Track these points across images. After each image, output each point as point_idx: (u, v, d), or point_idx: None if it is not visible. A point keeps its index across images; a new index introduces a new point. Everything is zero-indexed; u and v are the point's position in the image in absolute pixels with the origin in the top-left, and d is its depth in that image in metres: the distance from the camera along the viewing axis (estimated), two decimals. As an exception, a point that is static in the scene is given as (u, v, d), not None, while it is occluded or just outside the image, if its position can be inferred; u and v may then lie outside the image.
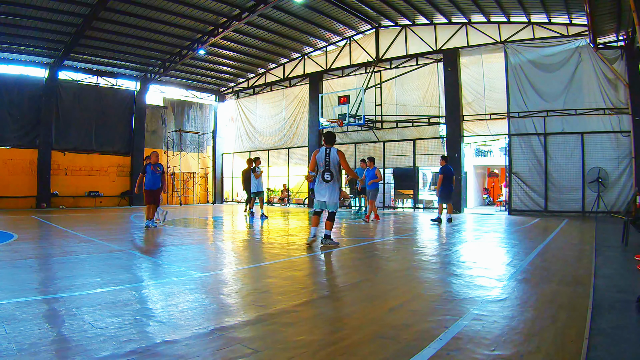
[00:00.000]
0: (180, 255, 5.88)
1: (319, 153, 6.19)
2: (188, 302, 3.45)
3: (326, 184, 6.14)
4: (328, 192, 6.18)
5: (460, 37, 14.61)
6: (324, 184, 6.17)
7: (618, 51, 12.21)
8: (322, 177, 6.16)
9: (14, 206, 15.49)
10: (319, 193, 6.22)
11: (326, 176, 6.14)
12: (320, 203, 6.28)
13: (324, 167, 6.15)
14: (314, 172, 6.35)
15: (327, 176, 6.14)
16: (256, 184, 11.59)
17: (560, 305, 3.34)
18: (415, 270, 4.86)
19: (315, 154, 6.20)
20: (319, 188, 6.20)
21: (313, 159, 6.21)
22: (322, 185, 6.18)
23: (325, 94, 17.50)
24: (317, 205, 6.34)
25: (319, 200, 6.26)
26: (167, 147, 20.46)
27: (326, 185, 6.16)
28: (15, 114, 15.85)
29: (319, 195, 6.22)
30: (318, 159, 6.18)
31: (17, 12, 12.78)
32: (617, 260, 5.54)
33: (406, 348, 2.43)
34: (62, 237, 7.56)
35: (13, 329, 2.65)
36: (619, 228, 7.07)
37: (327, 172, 6.14)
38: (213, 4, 13.69)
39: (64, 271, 4.57)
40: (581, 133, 12.67)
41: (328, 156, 6.15)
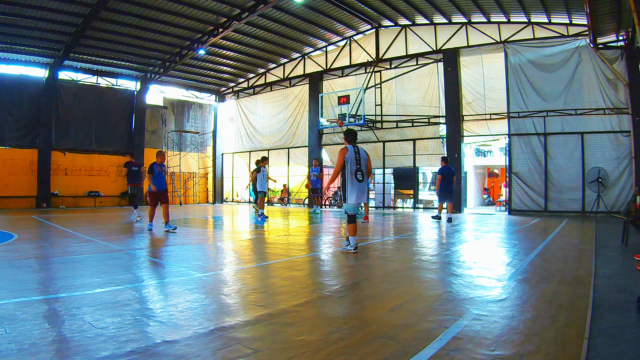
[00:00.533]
0: (180, 255, 5.88)
1: (348, 152, 5.70)
2: (188, 302, 3.45)
3: (360, 184, 5.70)
4: (363, 193, 5.81)
5: (460, 37, 14.61)
6: (357, 184, 5.69)
7: (618, 51, 12.21)
8: (355, 177, 5.67)
9: (14, 206, 15.49)
10: (354, 194, 5.69)
11: (359, 176, 5.69)
12: (357, 205, 5.82)
13: (356, 166, 5.70)
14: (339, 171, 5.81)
15: (360, 176, 5.71)
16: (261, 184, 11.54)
17: (560, 305, 3.34)
18: (415, 270, 4.86)
19: (345, 153, 5.67)
20: (353, 189, 5.67)
21: (341, 160, 5.66)
22: (355, 186, 5.68)
23: (325, 94, 17.51)
24: (354, 209, 5.81)
25: (357, 202, 5.74)
26: (167, 147, 20.45)
27: (361, 185, 5.72)
28: (15, 114, 15.85)
29: (355, 197, 5.70)
30: (348, 158, 5.68)
31: (17, 12, 12.77)
32: (617, 260, 5.54)
33: (406, 348, 2.43)
34: (62, 237, 7.56)
35: (13, 329, 2.65)
36: (619, 228, 7.07)
37: (359, 171, 5.71)
38: (213, 4, 13.69)
39: (64, 271, 4.57)
40: (581, 133, 12.66)
41: (358, 155, 5.76)
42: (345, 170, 5.67)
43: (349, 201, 5.69)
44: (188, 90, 21.46)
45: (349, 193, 5.67)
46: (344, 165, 5.66)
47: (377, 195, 18.57)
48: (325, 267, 5.28)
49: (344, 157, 5.65)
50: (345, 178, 5.67)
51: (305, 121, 18.75)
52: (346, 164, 5.66)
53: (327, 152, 18.45)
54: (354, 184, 5.65)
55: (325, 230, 9.39)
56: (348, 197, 5.68)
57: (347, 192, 5.68)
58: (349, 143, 5.86)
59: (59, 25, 13.92)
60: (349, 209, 5.76)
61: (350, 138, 5.92)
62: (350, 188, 5.66)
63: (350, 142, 5.87)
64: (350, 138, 5.92)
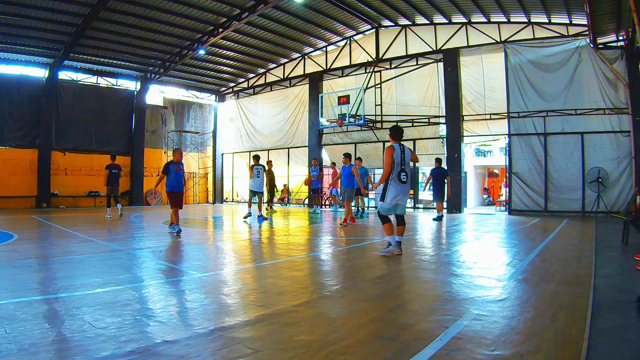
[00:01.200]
0: (181, 255, 5.88)
1: (395, 151, 5.36)
2: (188, 302, 3.45)
3: (403, 185, 5.42)
4: (404, 194, 5.53)
5: (460, 37, 14.61)
6: (400, 186, 5.41)
7: (618, 51, 12.20)
8: (398, 178, 5.38)
9: (14, 206, 15.49)
10: (393, 195, 5.42)
11: (403, 177, 5.40)
12: (394, 207, 5.53)
13: (401, 167, 5.40)
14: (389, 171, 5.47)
15: (404, 177, 5.42)
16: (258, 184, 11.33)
17: (560, 305, 3.34)
18: (415, 270, 4.86)
19: (392, 153, 5.34)
20: (396, 191, 5.40)
21: (390, 160, 5.35)
22: (399, 187, 5.40)
23: (325, 94, 17.50)
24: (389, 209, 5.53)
25: (392, 204, 5.48)
26: (167, 147, 20.45)
27: (403, 187, 5.45)
28: (15, 114, 15.85)
29: (395, 199, 5.44)
30: (395, 157, 5.36)
31: (17, 12, 12.77)
32: (617, 260, 5.54)
33: (406, 348, 2.43)
34: (62, 237, 7.56)
35: (13, 329, 2.65)
36: (619, 228, 7.07)
37: (403, 172, 5.42)
38: (213, 4, 13.69)
39: (64, 271, 4.57)
40: (581, 133, 12.66)
41: (404, 154, 5.44)
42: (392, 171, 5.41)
43: (386, 200, 5.45)
44: (188, 90, 21.46)
45: (389, 193, 5.43)
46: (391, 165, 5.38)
47: (377, 196, 18.55)
48: (325, 267, 5.28)
49: (392, 157, 5.34)
50: (388, 179, 5.43)
51: (305, 121, 18.75)
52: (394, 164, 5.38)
53: (327, 152, 18.45)
54: (397, 185, 5.40)
55: (325, 230, 9.39)
56: (387, 197, 5.45)
57: (387, 192, 5.44)
58: (395, 141, 5.51)
59: (59, 26, 13.92)
60: (383, 208, 5.52)
61: (396, 135, 5.56)
62: (391, 188, 5.42)
63: (395, 139, 5.53)
64: (396, 135, 5.56)
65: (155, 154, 19.99)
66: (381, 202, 5.54)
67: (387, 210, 5.52)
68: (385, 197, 5.47)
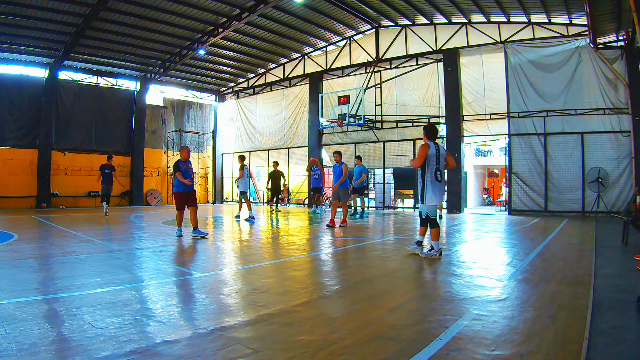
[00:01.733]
0: (181, 255, 5.88)
1: (430, 149, 5.27)
2: (188, 302, 3.45)
3: (440, 184, 5.32)
4: (442, 195, 5.41)
5: (460, 37, 14.61)
6: (438, 185, 5.30)
7: (618, 51, 12.21)
8: (435, 177, 5.27)
9: (14, 206, 15.49)
10: (434, 196, 5.29)
11: (438, 176, 5.29)
12: (436, 207, 5.40)
13: (436, 165, 5.30)
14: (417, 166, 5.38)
15: (440, 176, 5.31)
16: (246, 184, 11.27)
17: (560, 305, 3.34)
18: (415, 270, 4.86)
19: (427, 150, 5.24)
20: (434, 190, 5.27)
21: (424, 155, 5.23)
22: (436, 187, 5.28)
23: (325, 94, 17.51)
24: (434, 211, 5.39)
25: (432, 205, 5.34)
26: (167, 147, 20.46)
27: (440, 186, 5.34)
28: (15, 114, 15.85)
29: (434, 199, 5.29)
30: (430, 156, 5.27)
31: (17, 12, 12.77)
32: (617, 260, 5.54)
33: (406, 348, 2.43)
34: (62, 237, 7.56)
35: (13, 329, 2.65)
36: (619, 228, 7.07)
37: (439, 171, 5.31)
38: (213, 4, 13.69)
39: (64, 271, 4.57)
40: (581, 133, 12.67)
41: (439, 153, 5.33)
42: (424, 170, 5.31)
43: (427, 202, 5.30)
44: (188, 90, 21.46)
45: (428, 194, 5.28)
46: (424, 164, 5.28)
47: (377, 195, 18.59)
48: (325, 267, 5.28)
49: (426, 153, 5.23)
50: (425, 178, 5.30)
51: (305, 121, 18.75)
52: (427, 162, 5.27)
53: (327, 152, 18.45)
54: (435, 184, 5.27)
55: (325, 230, 9.38)
56: (427, 199, 5.28)
57: (426, 193, 5.30)
58: (430, 140, 5.40)
59: (59, 25, 13.92)
60: (430, 211, 5.35)
61: (431, 135, 5.43)
62: (429, 189, 5.28)
63: (430, 138, 5.41)
64: (431, 135, 5.43)
65: (155, 154, 19.99)
66: (422, 204, 5.39)
67: (433, 212, 5.37)
68: (424, 198, 5.32)
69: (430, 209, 5.35)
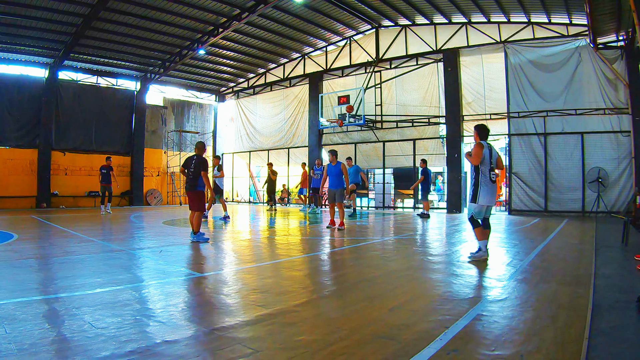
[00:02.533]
0: (180, 255, 5.88)
1: (484, 148, 5.21)
2: (188, 302, 3.45)
3: (492, 185, 5.22)
4: (493, 195, 5.28)
5: (460, 37, 14.61)
6: (491, 186, 5.21)
7: (618, 51, 12.21)
8: (489, 177, 5.18)
9: (14, 206, 15.49)
10: (486, 197, 5.20)
11: (492, 176, 5.20)
12: (485, 209, 5.28)
13: (490, 165, 5.21)
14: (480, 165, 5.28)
15: (493, 176, 5.22)
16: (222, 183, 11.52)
17: (560, 305, 3.34)
18: (415, 270, 4.86)
19: (481, 149, 5.19)
20: (486, 191, 5.20)
21: (480, 153, 5.18)
22: (489, 187, 5.20)
23: (325, 94, 17.50)
24: (481, 212, 5.27)
25: (485, 206, 5.24)
26: (167, 147, 20.46)
27: (493, 187, 5.24)
28: (15, 114, 15.84)
29: (487, 199, 5.21)
30: (485, 156, 5.19)
31: (17, 12, 12.76)
32: (617, 260, 5.54)
33: (406, 348, 2.43)
34: (62, 237, 7.56)
35: (13, 329, 2.65)
36: (619, 228, 7.07)
37: (493, 171, 5.22)
38: (213, 4, 13.69)
39: (64, 271, 4.57)
40: (581, 133, 12.67)
41: (491, 153, 5.26)
42: (478, 169, 5.23)
43: (479, 202, 5.20)
44: (188, 90, 21.46)
45: (481, 193, 5.20)
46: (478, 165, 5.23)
47: (377, 195, 18.58)
48: (325, 267, 5.28)
49: (482, 152, 5.17)
50: (479, 178, 5.21)
51: (305, 121, 18.75)
52: (482, 161, 5.20)
53: (327, 152, 18.42)
54: (488, 185, 5.19)
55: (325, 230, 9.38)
56: (479, 199, 5.20)
57: (479, 193, 5.21)
58: (482, 139, 5.35)
59: (59, 25, 13.92)
60: (476, 212, 5.25)
61: (483, 134, 5.38)
62: (482, 188, 5.20)
63: (482, 138, 5.36)
64: (483, 134, 5.38)
65: (155, 154, 19.99)
66: (472, 203, 5.28)
67: (478, 214, 5.28)
68: (477, 198, 5.22)
69: (479, 209, 5.25)
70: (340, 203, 8.95)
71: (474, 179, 5.27)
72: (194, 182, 6.89)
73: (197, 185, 6.91)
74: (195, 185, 6.90)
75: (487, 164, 5.20)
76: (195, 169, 6.89)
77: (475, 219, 5.26)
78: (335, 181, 9.00)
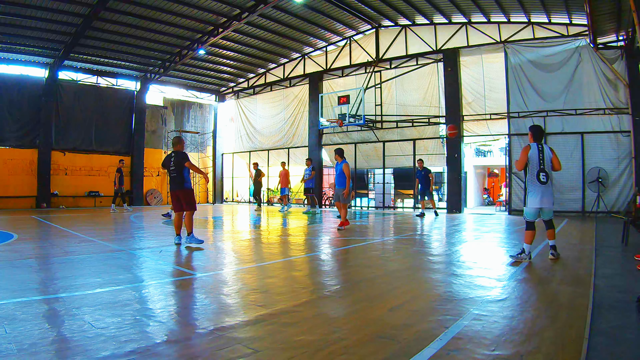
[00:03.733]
0: (180, 255, 5.88)
1: (531, 150, 5.23)
2: (188, 302, 3.45)
3: (542, 185, 5.16)
4: (547, 197, 5.19)
5: (460, 37, 14.60)
6: (540, 187, 5.16)
7: (618, 51, 12.20)
8: (537, 178, 5.16)
9: (14, 206, 15.48)
10: (535, 198, 5.19)
11: (542, 177, 5.15)
12: (539, 211, 5.26)
13: (539, 166, 5.17)
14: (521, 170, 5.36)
15: (544, 177, 5.16)
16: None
17: (560, 305, 3.34)
18: (415, 270, 4.86)
19: (527, 152, 5.22)
20: (535, 192, 5.18)
21: (524, 158, 5.22)
22: (538, 188, 5.16)
23: (325, 94, 17.49)
24: (533, 215, 5.26)
25: (534, 208, 5.22)
26: (167, 147, 20.45)
27: (544, 188, 5.17)
28: (15, 114, 15.84)
29: (536, 201, 5.19)
30: (531, 157, 5.20)
31: (17, 12, 12.76)
32: (617, 260, 5.54)
33: (406, 348, 2.43)
34: (62, 237, 7.56)
35: (13, 329, 2.65)
36: (619, 228, 7.07)
37: (543, 172, 5.17)
38: (213, 4, 13.68)
39: (64, 271, 4.57)
40: (581, 133, 12.66)
41: (542, 154, 5.21)
42: (526, 171, 5.29)
43: (528, 205, 5.26)
44: (188, 90, 21.45)
45: (529, 195, 5.25)
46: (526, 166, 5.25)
47: (377, 195, 18.59)
48: (325, 267, 5.28)
49: (527, 155, 5.21)
50: (527, 180, 5.30)
51: (305, 121, 18.75)
52: (528, 164, 5.23)
53: (327, 152, 18.45)
54: (536, 185, 5.18)
55: (325, 230, 9.39)
56: (528, 201, 5.27)
57: (528, 195, 5.29)
58: (534, 141, 5.34)
59: (59, 25, 13.92)
60: (527, 214, 5.29)
61: (537, 135, 5.37)
62: (529, 190, 5.23)
63: (536, 139, 5.34)
64: (537, 135, 5.37)
65: (155, 154, 19.99)
66: (525, 207, 5.37)
67: (531, 216, 5.26)
68: (527, 201, 5.31)
69: (531, 211, 5.24)
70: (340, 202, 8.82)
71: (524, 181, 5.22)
72: (180, 179, 6.43)
73: (184, 181, 6.45)
74: (181, 183, 6.43)
75: (535, 165, 5.19)
76: (177, 165, 6.41)
77: (528, 220, 5.28)
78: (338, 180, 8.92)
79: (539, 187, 5.17)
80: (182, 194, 6.45)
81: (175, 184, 6.47)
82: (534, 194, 5.18)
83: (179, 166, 6.41)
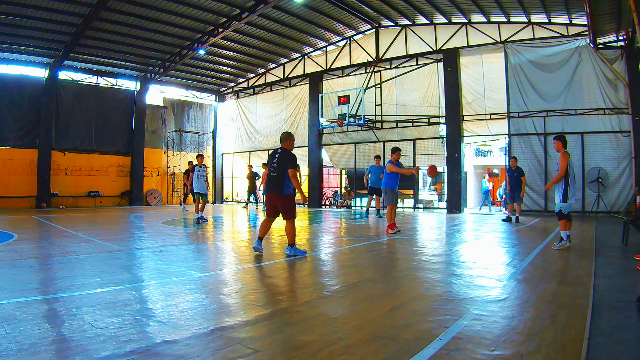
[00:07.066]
0: (180, 255, 5.88)
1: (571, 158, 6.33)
2: (188, 302, 3.45)
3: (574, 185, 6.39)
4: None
5: (460, 37, 14.60)
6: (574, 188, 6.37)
7: (618, 51, 12.20)
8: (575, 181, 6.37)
9: (14, 206, 15.48)
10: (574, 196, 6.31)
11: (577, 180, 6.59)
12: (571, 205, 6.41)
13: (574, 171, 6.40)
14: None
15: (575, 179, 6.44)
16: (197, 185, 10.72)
17: (560, 305, 3.34)
18: (415, 270, 4.86)
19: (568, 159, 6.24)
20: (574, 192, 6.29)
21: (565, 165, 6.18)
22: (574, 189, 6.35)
23: (325, 94, 17.49)
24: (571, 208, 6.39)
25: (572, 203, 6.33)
26: (167, 147, 20.45)
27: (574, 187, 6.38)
28: (15, 114, 15.83)
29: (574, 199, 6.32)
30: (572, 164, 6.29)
31: (17, 12, 12.76)
32: (617, 260, 5.54)
33: (406, 348, 2.43)
34: (62, 237, 7.56)
35: (13, 329, 2.65)
36: (619, 228, 7.08)
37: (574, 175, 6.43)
38: (213, 4, 13.68)
39: (64, 271, 4.57)
40: (581, 133, 12.66)
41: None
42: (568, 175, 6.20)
43: (569, 200, 6.25)
44: (188, 90, 21.45)
45: (570, 194, 6.24)
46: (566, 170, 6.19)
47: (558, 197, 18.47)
48: (325, 267, 5.28)
49: (568, 163, 6.19)
50: (568, 181, 6.22)
51: (305, 121, 18.74)
52: (569, 169, 6.22)
53: (327, 152, 18.45)
54: (574, 186, 6.29)
55: (325, 230, 9.39)
56: (569, 198, 6.24)
57: (569, 194, 6.24)
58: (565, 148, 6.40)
59: (59, 26, 13.91)
60: (566, 208, 6.28)
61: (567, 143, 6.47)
62: (571, 189, 6.25)
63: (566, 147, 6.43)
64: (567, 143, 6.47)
65: (155, 154, 19.99)
66: (564, 202, 6.25)
67: (568, 209, 6.31)
68: (568, 199, 6.24)
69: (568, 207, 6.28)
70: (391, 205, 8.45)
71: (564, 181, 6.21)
72: (278, 181, 5.42)
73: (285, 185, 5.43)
74: (280, 186, 5.43)
75: (573, 169, 6.31)
76: (280, 165, 5.42)
77: (564, 213, 6.25)
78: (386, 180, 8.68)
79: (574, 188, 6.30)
80: (279, 201, 5.48)
81: (273, 185, 5.45)
82: (573, 193, 6.27)
83: (282, 167, 5.37)
